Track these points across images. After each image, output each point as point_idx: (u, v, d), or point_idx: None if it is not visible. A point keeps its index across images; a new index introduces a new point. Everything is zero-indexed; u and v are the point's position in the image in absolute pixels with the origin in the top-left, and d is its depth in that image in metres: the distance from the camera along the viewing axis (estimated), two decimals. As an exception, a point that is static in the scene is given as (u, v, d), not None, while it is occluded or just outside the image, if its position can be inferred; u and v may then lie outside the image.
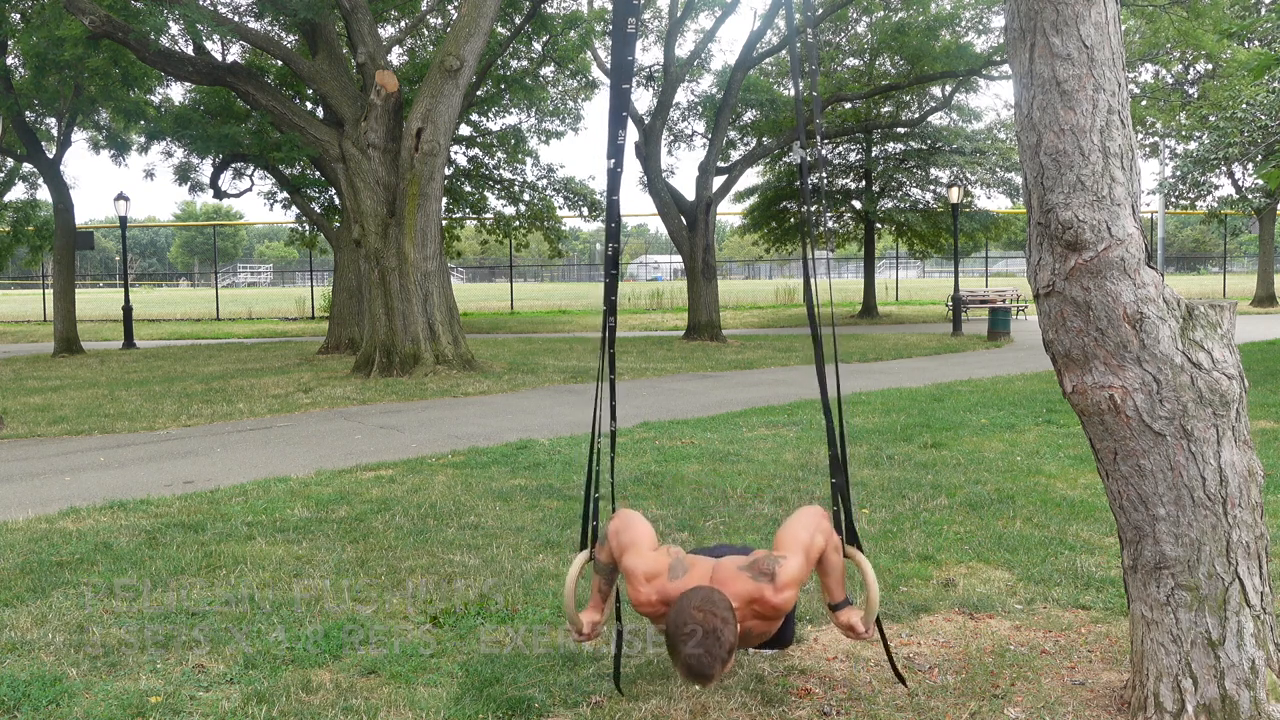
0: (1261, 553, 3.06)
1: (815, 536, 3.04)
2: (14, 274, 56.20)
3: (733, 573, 2.94)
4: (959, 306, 22.92)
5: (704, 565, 2.99)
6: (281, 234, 40.98)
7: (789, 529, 3.06)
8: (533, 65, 22.54)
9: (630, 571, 2.99)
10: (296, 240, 27.41)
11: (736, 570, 2.94)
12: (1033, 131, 3.04)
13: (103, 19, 14.02)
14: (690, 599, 2.73)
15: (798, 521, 3.09)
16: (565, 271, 70.05)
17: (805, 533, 3.04)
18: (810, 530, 3.05)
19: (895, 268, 46.83)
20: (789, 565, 2.93)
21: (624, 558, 3.04)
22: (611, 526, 3.16)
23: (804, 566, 2.97)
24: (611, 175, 3.25)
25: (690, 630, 2.65)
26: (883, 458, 7.50)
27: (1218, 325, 3.01)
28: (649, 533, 3.11)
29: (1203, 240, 67.28)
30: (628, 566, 3.01)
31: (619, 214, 3.27)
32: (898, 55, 25.94)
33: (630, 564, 3.01)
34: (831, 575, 3.15)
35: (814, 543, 3.03)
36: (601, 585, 3.24)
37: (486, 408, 11.21)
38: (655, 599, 2.94)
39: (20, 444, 9.42)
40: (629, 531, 3.09)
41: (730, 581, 2.91)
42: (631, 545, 3.05)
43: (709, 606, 2.69)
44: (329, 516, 6.05)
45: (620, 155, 3.23)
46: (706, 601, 2.70)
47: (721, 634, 2.65)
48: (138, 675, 3.68)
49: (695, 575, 2.94)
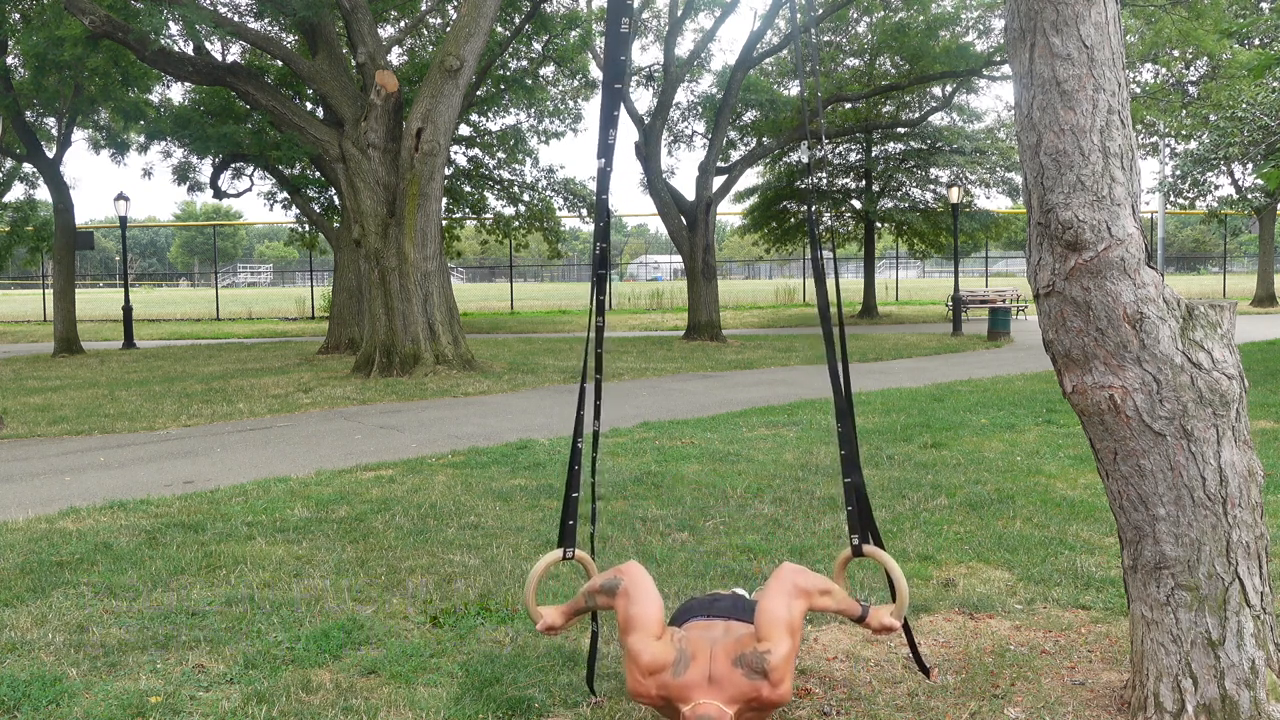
0: (1261, 553, 3.05)
1: (792, 606, 2.94)
2: (14, 274, 56.18)
3: (728, 671, 2.86)
4: (959, 306, 22.92)
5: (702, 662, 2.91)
6: (281, 234, 40.96)
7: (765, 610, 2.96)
8: (533, 65, 22.54)
9: (634, 656, 2.91)
10: (296, 240, 27.41)
11: (731, 667, 2.86)
12: (1033, 131, 3.04)
13: (103, 19, 14.02)
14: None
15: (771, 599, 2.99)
16: (565, 271, 70.03)
17: (783, 610, 2.94)
18: (785, 603, 2.95)
19: (895, 268, 46.83)
20: (776, 656, 2.84)
21: (628, 636, 2.95)
22: (622, 588, 3.04)
23: (792, 648, 2.88)
24: (601, 174, 3.25)
25: None
26: (883, 458, 7.50)
27: (1218, 325, 3.01)
28: (658, 612, 3.01)
29: (1203, 240, 67.27)
30: (632, 649, 2.92)
31: (608, 213, 3.27)
32: (898, 55, 25.94)
33: (635, 648, 2.92)
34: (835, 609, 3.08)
35: (794, 615, 2.93)
36: (580, 606, 3.18)
37: (486, 408, 11.21)
38: (655, 693, 2.88)
39: (20, 444, 9.42)
40: (639, 607, 2.99)
41: (726, 682, 2.84)
42: (641, 626, 2.95)
43: None
44: (329, 516, 6.05)
45: (610, 155, 3.23)
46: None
47: None
48: (138, 675, 3.68)
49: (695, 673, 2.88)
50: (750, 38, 20.34)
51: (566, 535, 3.25)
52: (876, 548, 3.20)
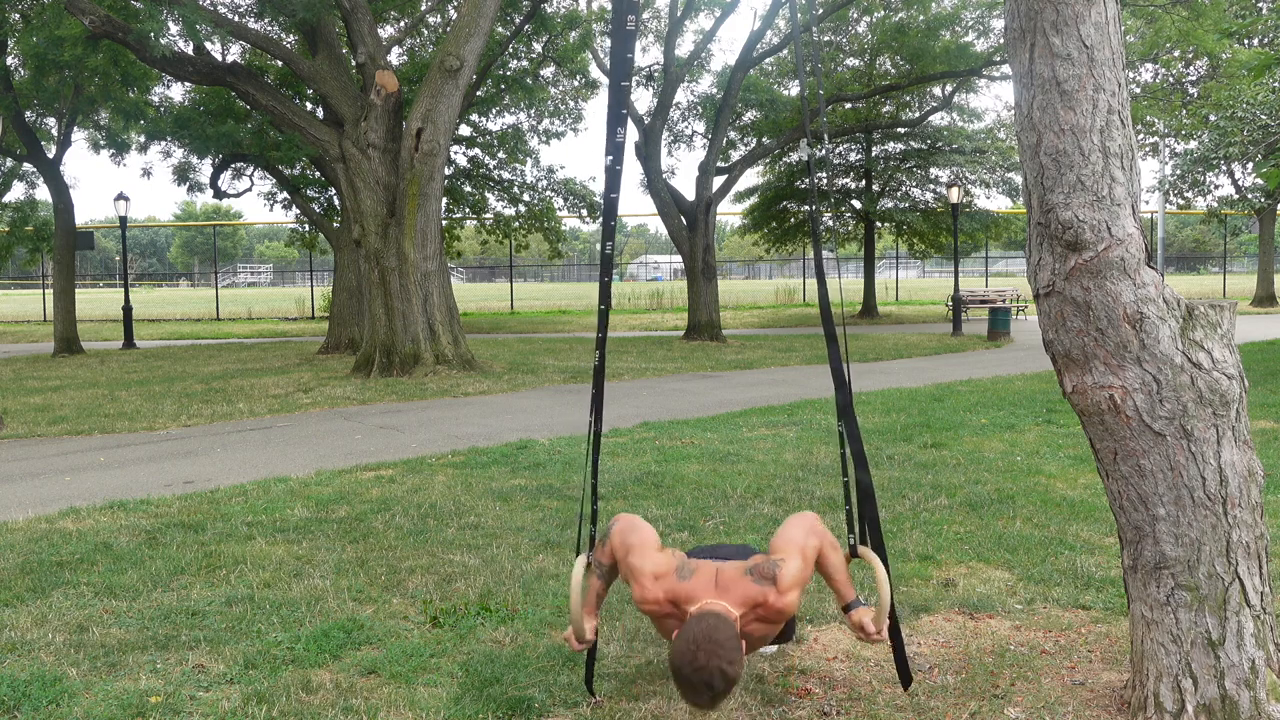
0: (1261, 553, 3.06)
1: (809, 538, 3.08)
2: (14, 274, 56.20)
3: (736, 577, 2.96)
4: (959, 306, 22.91)
5: (708, 570, 3.00)
6: (281, 234, 40.96)
7: (782, 534, 3.11)
8: (533, 65, 22.53)
9: (636, 570, 3.02)
10: (296, 240, 27.40)
11: (740, 574, 2.96)
12: (1033, 131, 3.04)
13: (103, 19, 14.02)
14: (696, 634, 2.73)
15: (790, 526, 3.14)
16: (565, 272, 70.06)
17: (799, 534, 3.08)
18: (804, 532, 3.09)
19: (895, 268, 46.83)
20: (789, 567, 2.96)
21: (629, 557, 3.06)
22: (615, 528, 3.18)
23: (803, 568, 3.00)
24: (610, 173, 3.24)
25: (695, 669, 2.68)
26: (883, 458, 7.50)
27: (1218, 325, 3.01)
28: (654, 535, 3.15)
29: (1203, 240, 67.25)
30: (634, 565, 3.03)
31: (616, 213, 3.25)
32: (898, 55, 25.94)
33: (637, 563, 3.03)
34: (835, 576, 3.17)
35: (808, 544, 3.07)
36: (600, 589, 3.26)
37: (486, 408, 11.21)
38: (662, 597, 2.97)
39: (20, 444, 9.42)
40: (635, 534, 3.12)
41: (734, 586, 2.94)
42: (639, 546, 3.08)
43: (715, 648, 2.71)
44: (329, 516, 6.05)
45: (620, 153, 3.21)
46: (712, 641, 2.72)
47: (727, 673, 2.70)
48: (138, 675, 3.68)
49: (701, 578, 2.97)
50: (750, 38, 20.34)
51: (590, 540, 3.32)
52: (871, 551, 3.25)
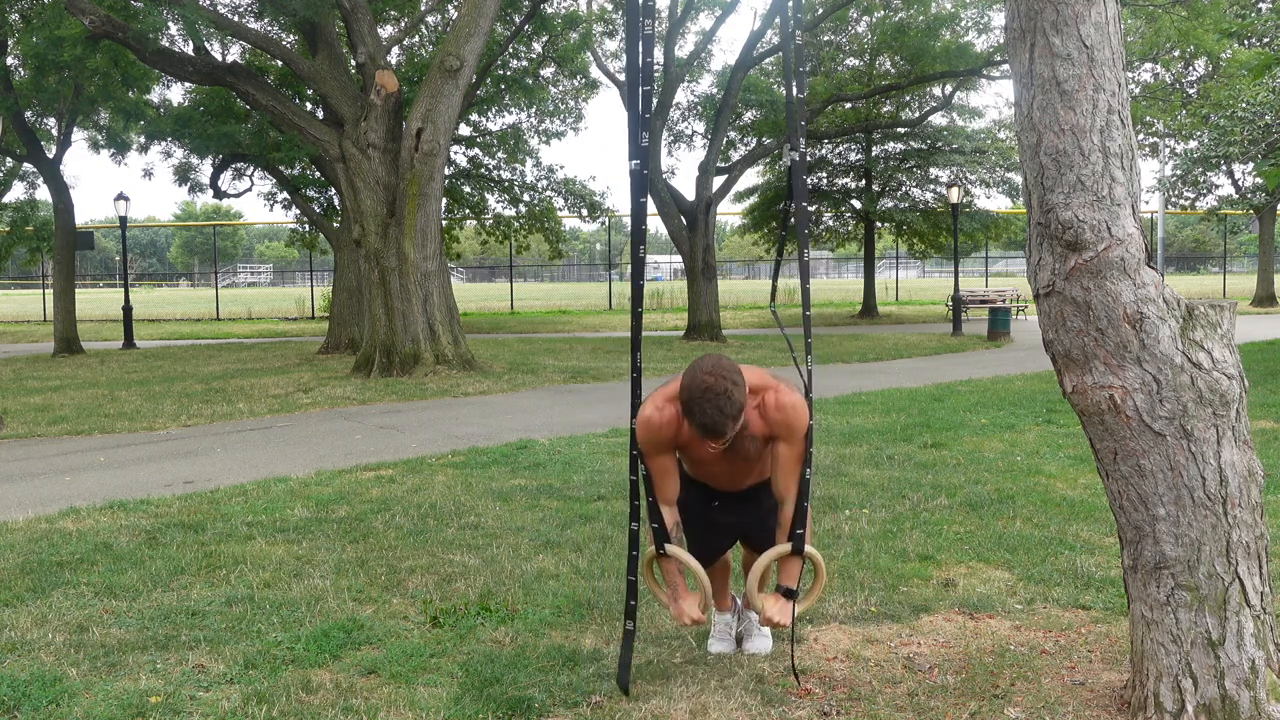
0: (1261, 553, 3.06)
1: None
2: (14, 274, 56.20)
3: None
4: (959, 306, 22.91)
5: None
6: (281, 234, 40.97)
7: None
8: (533, 65, 22.53)
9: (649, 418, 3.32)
10: (296, 240, 27.40)
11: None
12: (1033, 131, 3.04)
13: (102, 19, 14.02)
14: (701, 364, 3.01)
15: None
16: (565, 272, 70.05)
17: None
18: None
19: (895, 268, 46.82)
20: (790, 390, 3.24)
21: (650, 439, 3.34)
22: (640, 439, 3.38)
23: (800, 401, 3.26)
24: (635, 176, 3.23)
25: (703, 390, 2.96)
26: (883, 458, 7.50)
27: (1218, 325, 3.01)
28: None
29: (1203, 240, 67.26)
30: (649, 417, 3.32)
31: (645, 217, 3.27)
32: (898, 55, 25.94)
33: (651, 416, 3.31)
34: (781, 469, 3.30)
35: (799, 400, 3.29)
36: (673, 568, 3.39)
37: (486, 408, 11.21)
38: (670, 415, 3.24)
39: (20, 444, 9.42)
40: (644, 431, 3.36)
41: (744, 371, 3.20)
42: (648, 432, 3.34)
43: (719, 370, 3.00)
44: (329, 516, 6.05)
45: (645, 157, 3.20)
46: (716, 366, 3.01)
47: (731, 394, 2.97)
48: (138, 675, 3.68)
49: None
50: (750, 38, 20.35)
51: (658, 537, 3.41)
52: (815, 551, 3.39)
